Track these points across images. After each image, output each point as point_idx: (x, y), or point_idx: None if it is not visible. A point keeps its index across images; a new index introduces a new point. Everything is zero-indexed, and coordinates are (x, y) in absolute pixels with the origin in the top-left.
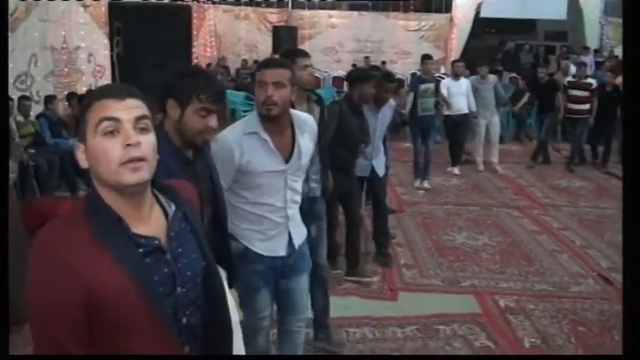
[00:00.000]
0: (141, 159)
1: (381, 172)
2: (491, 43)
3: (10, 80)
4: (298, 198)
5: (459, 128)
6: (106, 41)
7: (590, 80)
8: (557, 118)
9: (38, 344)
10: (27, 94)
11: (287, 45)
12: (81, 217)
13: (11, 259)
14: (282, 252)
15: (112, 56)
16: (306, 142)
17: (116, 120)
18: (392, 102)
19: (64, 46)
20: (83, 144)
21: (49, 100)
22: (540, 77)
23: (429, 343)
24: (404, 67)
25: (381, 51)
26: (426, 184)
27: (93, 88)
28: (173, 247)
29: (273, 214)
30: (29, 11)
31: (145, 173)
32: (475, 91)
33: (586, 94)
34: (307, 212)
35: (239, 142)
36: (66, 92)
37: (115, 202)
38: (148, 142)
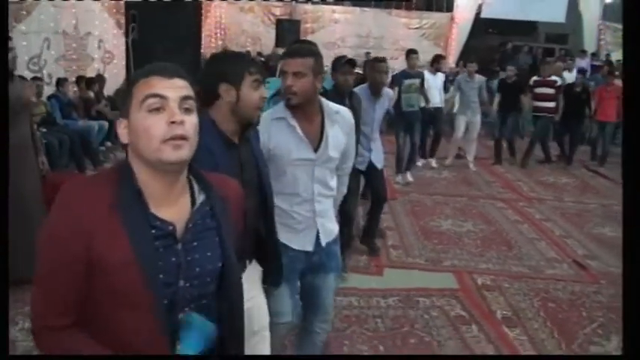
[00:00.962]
0: (183, 137)
1: (379, 164)
2: (492, 44)
3: (24, 61)
4: (329, 192)
5: (434, 121)
6: (116, 29)
7: (554, 78)
8: (521, 117)
9: (37, 292)
10: (39, 75)
11: (290, 38)
12: (107, 182)
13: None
14: (308, 247)
15: (127, 42)
16: (336, 134)
17: (162, 97)
18: (389, 91)
19: (75, 31)
20: (126, 119)
21: (61, 82)
22: (507, 76)
23: (409, 311)
24: (404, 64)
25: (381, 47)
26: (408, 177)
27: (101, 73)
28: (187, 238)
29: (301, 207)
30: None
31: (185, 152)
32: (459, 88)
33: (551, 91)
34: None
35: (267, 126)
36: (76, 76)
37: (145, 178)
38: (192, 122)
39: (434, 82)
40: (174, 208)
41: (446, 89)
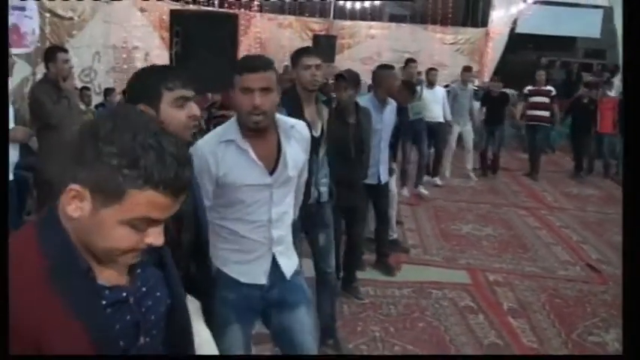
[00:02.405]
0: None
1: (384, 178)
2: (530, 59)
3: (77, 73)
4: (288, 217)
5: (434, 136)
6: (160, 44)
7: (549, 87)
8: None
9: None
10: (89, 86)
11: (326, 52)
12: (33, 245)
13: None
14: (262, 280)
15: (171, 54)
16: (294, 150)
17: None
18: (393, 102)
19: (124, 45)
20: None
21: (109, 92)
22: (492, 90)
23: (421, 301)
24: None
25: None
26: (422, 189)
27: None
28: (136, 286)
29: (254, 233)
30: (94, 13)
31: None
32: (454, 97)
33: (546, 100)
34: (315, 218)
35: (214, 151)
36: (123, 87)
37: (78, 233)
38: None
39: (432, 95)
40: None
41: None
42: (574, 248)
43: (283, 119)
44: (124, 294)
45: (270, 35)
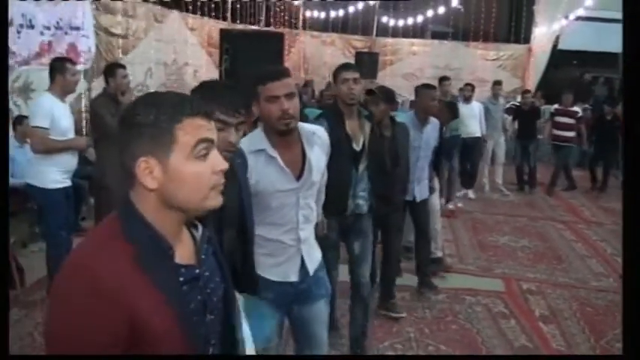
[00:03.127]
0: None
1: (420, 197)
2: (573, 75)
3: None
4: (312, 217)
5: (471, 151)
6: (207, 60)
7: (575, 108)
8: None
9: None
10: None
11: (368, 69)
12: (119, 236)
13: None
14: (293, 277)
15: (220, 70)
16: (317, 156)
17: (212, 142)
18: (435, 120)
19: (174, 63)
20: (155, 160)
21: None
22: (522, 104)
23: (455, 306)
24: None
25: (459, 78)
26: (451, 205)
27: None
28: (202, 271)
29: (284, 236)
30: (147, 32)
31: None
32: (486, 111)
33: (571, 121)
34: (352, 228)
35: (245, 160)
36: None
37: (161, 225)
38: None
39: (469, 111)
40: (184, 245)
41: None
42: (608, 261)
43: (305, 127)
44: (197, 271)
45: (314, 52)
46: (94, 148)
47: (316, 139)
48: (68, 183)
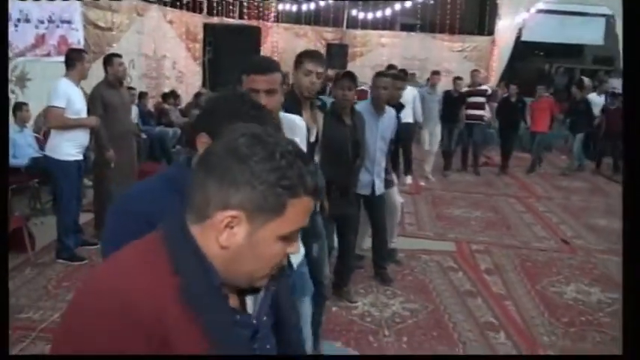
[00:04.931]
0: None
1: (379, 190)
2: (537, 66)
3: None
4: None
5: (403, 138)
6: (186, 53)
7: (485, 87)
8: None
9: None
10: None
11: (338, 60)
12: (164, 264)
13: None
14: None
15: (204, 61)
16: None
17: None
18: (391, 111)
19: (154, 54)
20: (240, 217)
21: (142, 95)
22: (452, 91)
23: (412, 262)
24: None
25: (426, 69)
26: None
27: (175, 89)
28: (259, 317)
29: None
30: (130, 25)
31: None
32: (423, 101)
33: (482, 99)
34: (307, 230)
35: None
36: (155, 92)
37: (223, 260)
38: None
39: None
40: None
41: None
42: (552, 227)
43: (285, 117)
44: (255, 321)
45: (287, 44)
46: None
47: (297, 128)
48: (80, 157)
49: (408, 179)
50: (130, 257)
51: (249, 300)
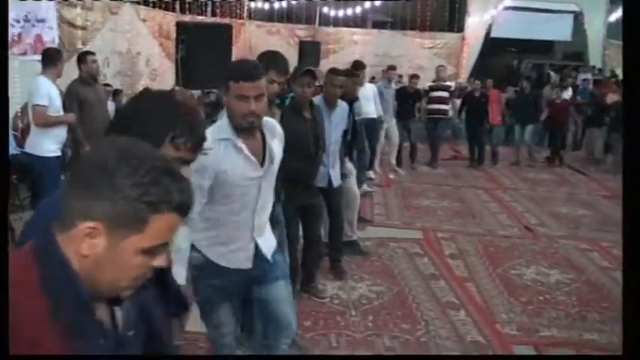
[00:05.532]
0: None
1: (336, 182)
2: (508, 62)
3: None
4: (269, 206)
5: (368, 133)
6: (159, 51)
7: (448, 83)
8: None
9: None
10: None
11: (311, 57)
12: (34, 284)
13: None
14: (247, 264)
15: (177, 58)
16: (277, 147)
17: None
18: (343, 103)
19: (128, 52)
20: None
21: (117, 93)
22: (407, 87)
23: (380, 249)
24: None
25: (398, 65)
26: (365, 187)
27: (148, 87)
28: (126, 329)
29: (240, 224)
30: (104, 23)
31: None
32: (380, 95)
33: (445, 94)
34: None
35: (215, 149)
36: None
37: (86, 269)
38: None
39: (362, 92)
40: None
41: None
42: (516, 216)
43: (267, 119)
44: (118, 335)
45: (260, 41)
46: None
47: (275, 130)
48: (59, 153)
49: (371, 173)
50: (12, 270)
51: (119, 312)
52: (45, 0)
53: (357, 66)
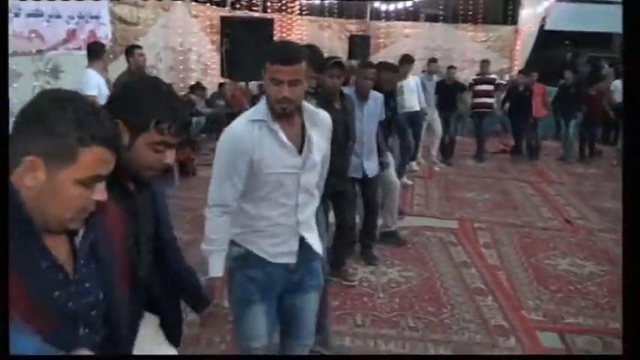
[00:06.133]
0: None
1: (371, 173)
2: (563, 55)
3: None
4: (313, 202)
5: (411, 125)
6: (210, 46)
7: (493, 76)
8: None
9: None
10: None
11: (361, 51)
12: None
13: None
14: (291, 259)
15: (222, 52)
16: (318, 137)
17: (104, 177)
18: (377, 94)
19: (181, 47)
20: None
21: None
22: (446, 80)
23: (414, 238)
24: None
25: (449, 59)
26: (405, 180)
27: (200, 81)
28: (76, 278)
29: (282, 218)
30: (156, 19)
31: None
32: (424, 88)
33: (490, 87)
34: None
35: (248, 130)
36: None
37: (32, 202)
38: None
39: (407, 86)
40: (59, 247)
41: None
42: (557, 208)
43: (308, 106)
44: (69, 276)
45: (312, 36)
46: None
47: (318, 120)
48: None
49: (414, 165)
50: None
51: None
52: None
53: (406, 60)
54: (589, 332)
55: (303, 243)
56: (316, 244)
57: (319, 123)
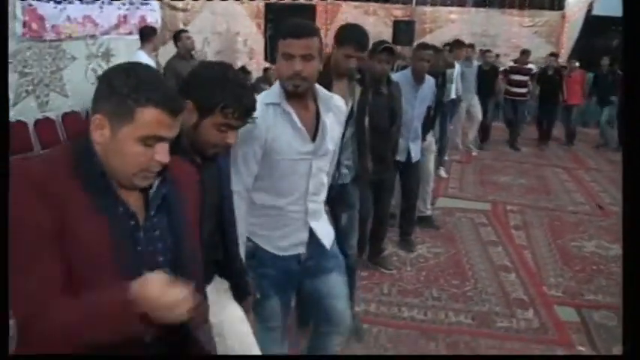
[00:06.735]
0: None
1: (415, 156)
2: (608, 40)
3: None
4: (323, 190)
5: (449, 112)
6: (256, 30)
7: (530, 66)
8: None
9: (23, 281)
10: None
11: (405, 36)
12: (66, 156)
13: None
14: (300, 249)
15: (265, 37)
16: (332, 122)
17: (164, 139)
18: (431, 79)
19: (227, 32)
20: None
21: None
22: (482, 65)
23: (445, 217)
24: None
25: (495, 44)
26: (442, 173)
27: (245, 65)
28: (147, 225)
29: (291, 206)
30: (203, 6)
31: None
32: (462, 74)
33: (525, 78)
34: (338, 200)
35: (263, 114)
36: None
37: (103, 157)
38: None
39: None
40: (133, 197)
41: None
42: (591, 194)
43: (322, 90)
44: (140, 222)
45: (357, 21)
46: None
47: (333, 105)
48: None
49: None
50: (45, 156)
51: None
52: None
53: (457, 44)
54: (606, 307)
55: (313, 232)
56: (325, 236)
57: (333, 108)
